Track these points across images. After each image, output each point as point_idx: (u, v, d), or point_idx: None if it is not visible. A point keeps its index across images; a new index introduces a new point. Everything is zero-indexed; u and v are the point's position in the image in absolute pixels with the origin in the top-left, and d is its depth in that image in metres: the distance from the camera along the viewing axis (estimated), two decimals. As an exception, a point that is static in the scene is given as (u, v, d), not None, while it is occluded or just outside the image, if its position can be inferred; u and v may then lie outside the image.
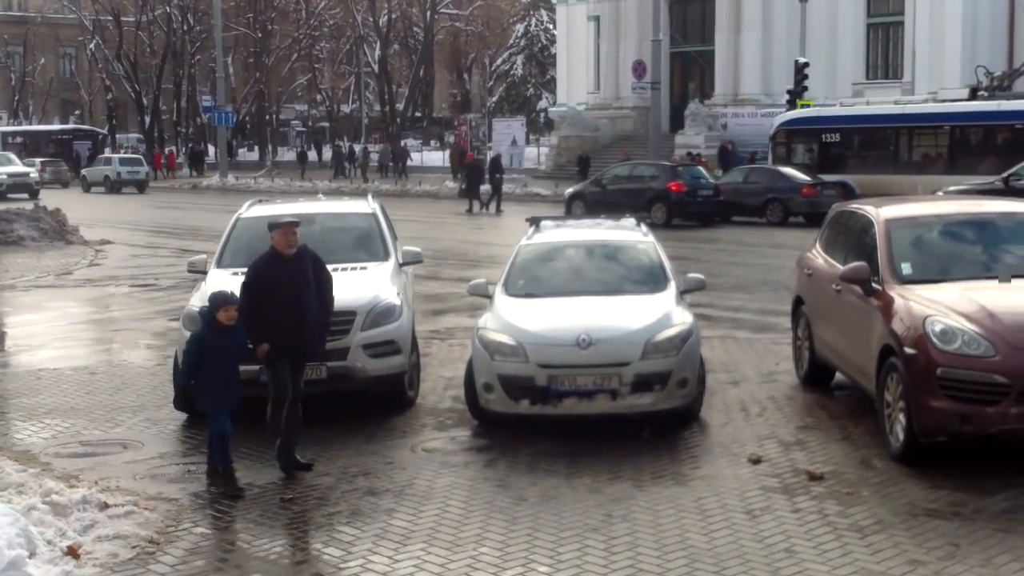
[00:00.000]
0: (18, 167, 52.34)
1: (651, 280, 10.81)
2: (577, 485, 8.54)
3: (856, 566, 6.88)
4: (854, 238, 10.79)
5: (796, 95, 40.20)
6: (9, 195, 47.14)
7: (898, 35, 49.15)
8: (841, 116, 35.40)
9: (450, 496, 8.39)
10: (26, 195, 47.60)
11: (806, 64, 41.34)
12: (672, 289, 10.66)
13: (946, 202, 11.86)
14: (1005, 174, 27.10)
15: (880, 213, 10.38)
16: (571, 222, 13.23)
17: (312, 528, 7.84)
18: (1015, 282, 9.27)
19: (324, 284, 9.19)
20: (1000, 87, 33.50)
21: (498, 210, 36.00)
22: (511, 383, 9.74)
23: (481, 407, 10.10)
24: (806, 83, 40.91)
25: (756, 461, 9.02)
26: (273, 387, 8.99)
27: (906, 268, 9.61)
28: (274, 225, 9.03)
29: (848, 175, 32.14)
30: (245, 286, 8.92)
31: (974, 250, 10.00)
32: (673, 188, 31.40)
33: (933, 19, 46.08)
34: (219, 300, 8.66)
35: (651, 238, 11.58)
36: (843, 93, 44.05)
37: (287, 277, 8.86)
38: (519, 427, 9.88)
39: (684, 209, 31.61)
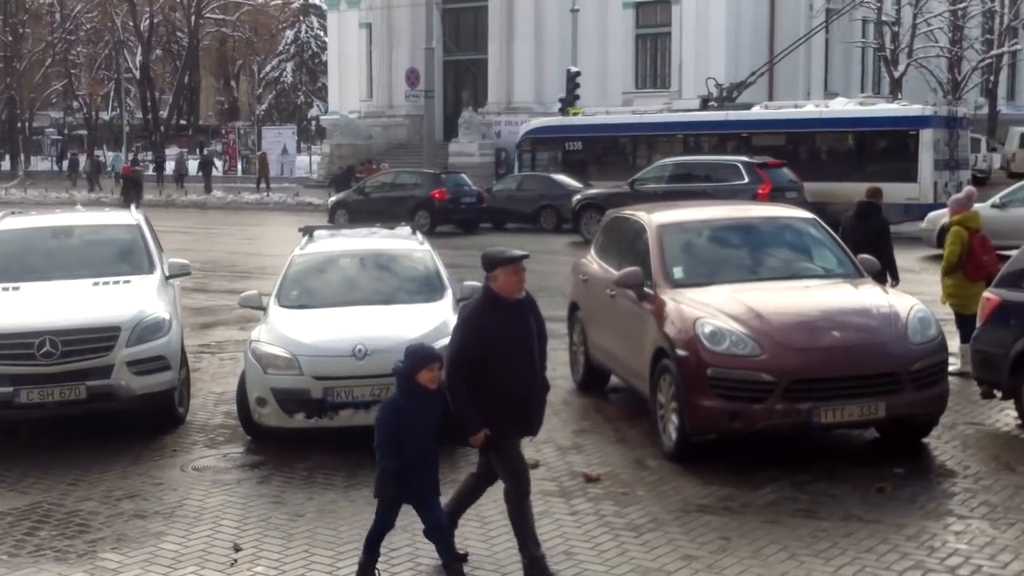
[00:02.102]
0: None
1: (428, 289, 10.75)
2: (355, 498, 8.40)
3: (633, 564, 6.99)
4: (627, 244, 10.99)
5: (568, 103, 41.00)
6: None
7: (666, 45, 50.82)
8: (583, 125, 36.42)
9: (223, 515, 8.11)
10: None
11: (578, 73, 42.23)
12: (449, 297, 10.62)
13: (714, 208, 12.27)
14: (631, 179, 28.69)
15: (652, 219, 10.60)
16: (345, 231, 13.05)
17: (73, 557, 7.42)
18: (779, 283, 9.65)
19: (544, 333, 7.03)
20: (728, 98, 35.12)
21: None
22: (285, 396, 9.51)
23: (254, 422, 9.83)
24: (578, 92, 41.77)
25: (534, 466, 9.02)
26: (512, 477, 6.81)
27: (677, 272, 9.85)
28: (500, 260, 6.71)
29: (591, 182, 33.03)
30: (463, 345, 6.69)
31: (740, 254, 10.34)
32: (436, 196, 31.76)
33: (698, 30, 47.90)
34: (422, 356, 6.64)
35: (427, 246, 11.53)
36: (614, 102, 45.21)
37: (515, 330, 6.73)
38: (294, 441, 9.67)
39: (448, 216, 31.96)
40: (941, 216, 19.40)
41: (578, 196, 29.75)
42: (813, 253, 10.44)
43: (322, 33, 76.16)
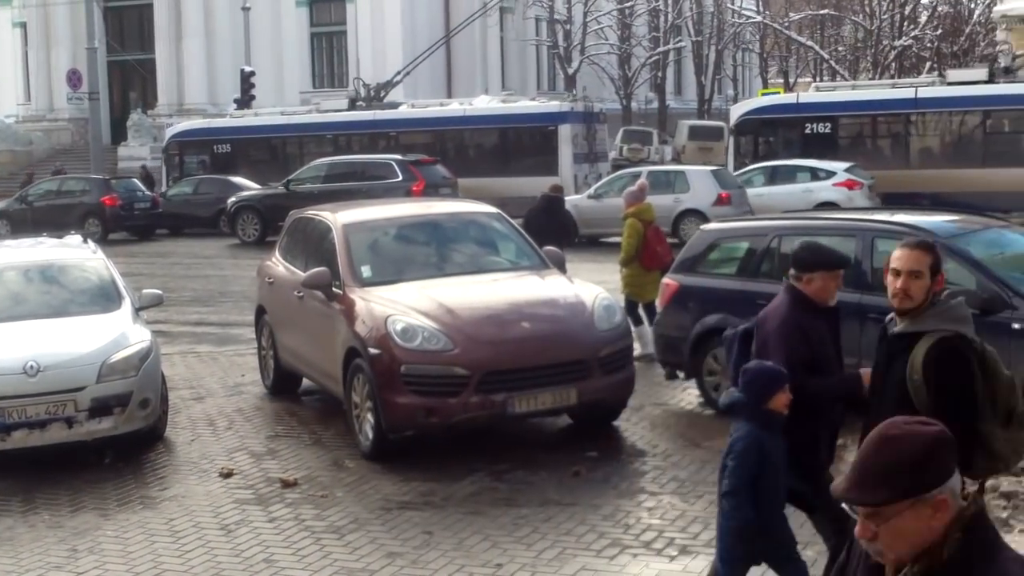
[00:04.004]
0: None
1: (103, 299, 10.26)
2: (35, 523, 7.90)
3: (336, 566, 6.87)
4: (313, 244, 10.82)
5: (244, 104, 40.16)
6: None
7: (342, 44, 50.69)
8: (231, 127, 36.00)
9: None
10: None
11: (252, 73, 41.49)
12: (127, 307, 10.17)
13: (400, 205, 12.30)
14: (286, 180, 29.10)
15: (337, 218, 10.48)
16: (8, 242, 12.29)
17: None
18: (468, 278, 9.74)
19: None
20: (376, 97, 35.56)
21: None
22: (-51, 420, 8.80)
23: (-85, 450, 9.03)
24: (254, 92, 41.01)
25: (227, 475, 8.81)
26: (834, 535, 5.47)
27: (366, 271, 9.78)
28: (824, 264, 5.62)
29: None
30: (792, 351, 5.45)
31: (428, 250, 10.39)
32: (107, 202, 30.60)
33: (374, 28, 48.06)
34: (775, 377, 5.34)
35: (101, 255, 11.01)
36: (291, 101, 44.67)
37: (834, 340, 5.72)
38: (-38, 468, 8.97)
39: (121, 223, 30.81)
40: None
41: (232, 199, 29.42)
42: (499, 247, 10.62)
43: (-29, 32, 71.19)
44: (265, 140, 35.31)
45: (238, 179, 32.54)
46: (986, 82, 26.53)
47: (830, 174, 24.53)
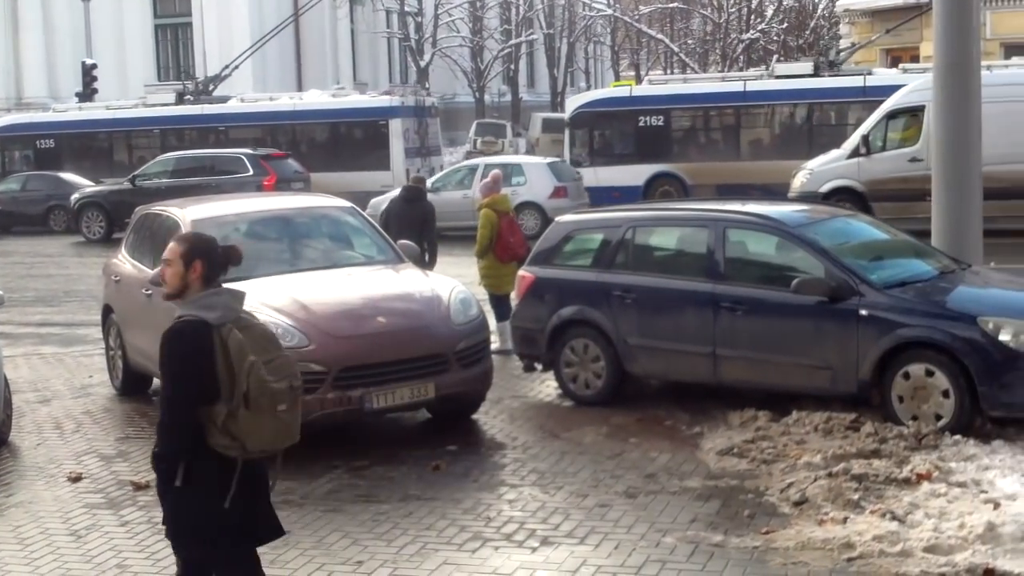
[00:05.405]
0: None
1: (-61, 300, 9.85)
2: None
3: (190, 570, 6.71)
4: (161, 241, 10.51)
5: (86, 97, 39.03)
6: None
7: (187, 36, 49.64)
8: (55, 122, 35.01)
9: None
10: None
11: (94, 66, 40.32)
12: (-35, 306, 9.77)
13: (250, 200, 12.10)
14: (131, 175, 28.71)
15: (185, 215, 10.28)
16: None
17: None
18: (321, 273, 9.63)
19: None
20: (205, 92, 35.07)
21: None
22: None
23: None
24: (96, 85, 39.90)
25: (76, 479, 8.58)
26: None
27: (215, 266, 9.56)
28: None
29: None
30: None
31: (280, 246, 10.28)
32: None
33: (220, 20, 47.13)
34: None
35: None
36: (135, 94, 43.39)
37: None
38: None
39: None
40: (382, 202, 20.19)
41: (76, 195, 28.72)
42: (353, 241, 10.55)
43: None
44: (90, 135, 34.37)
45: (68, 176, 31.62)
46: (811, 75, 27.34)
47: None
